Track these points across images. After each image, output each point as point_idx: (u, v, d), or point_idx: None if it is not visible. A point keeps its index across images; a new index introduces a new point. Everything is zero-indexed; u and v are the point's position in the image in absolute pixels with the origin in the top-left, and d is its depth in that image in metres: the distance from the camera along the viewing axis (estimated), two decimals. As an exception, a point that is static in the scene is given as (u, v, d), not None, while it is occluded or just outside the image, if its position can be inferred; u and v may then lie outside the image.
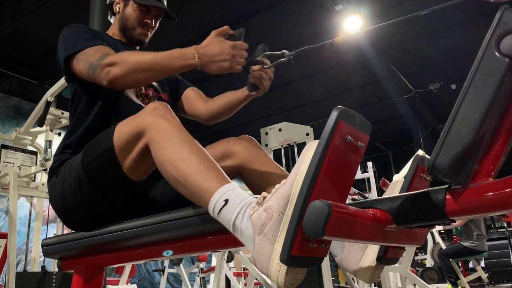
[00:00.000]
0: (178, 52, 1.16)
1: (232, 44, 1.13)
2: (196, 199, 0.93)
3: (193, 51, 1.14)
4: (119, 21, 1.49)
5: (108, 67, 1.18)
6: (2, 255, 3.42)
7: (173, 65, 1.16)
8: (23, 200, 5.99)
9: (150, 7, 1.46)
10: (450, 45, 8.10)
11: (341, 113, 0.75)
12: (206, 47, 1.14)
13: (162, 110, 1.03)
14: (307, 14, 7.10)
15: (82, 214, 1.19)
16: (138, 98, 1.38)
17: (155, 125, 1.00)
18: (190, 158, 0.94)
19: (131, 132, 1.05)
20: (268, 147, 3.70)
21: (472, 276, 6.62)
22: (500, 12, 0.67)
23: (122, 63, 1.17)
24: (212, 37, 1.15)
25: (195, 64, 1.14)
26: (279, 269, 0.76)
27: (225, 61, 1.13)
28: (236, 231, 0.85)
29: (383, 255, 1.01)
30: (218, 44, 1.13)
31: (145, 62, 1.17)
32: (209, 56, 1.13)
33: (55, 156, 1.31)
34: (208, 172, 0.92)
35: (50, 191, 1.26)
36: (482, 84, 0.67)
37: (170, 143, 0.97)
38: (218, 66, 1.13)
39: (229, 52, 1.12)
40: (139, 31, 1.47)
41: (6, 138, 3.82)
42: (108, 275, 5.27)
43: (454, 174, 0.69)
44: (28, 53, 7.39)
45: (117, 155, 1.08)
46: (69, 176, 1.18)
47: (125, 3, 1.47)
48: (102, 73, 1.19)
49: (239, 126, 10.51)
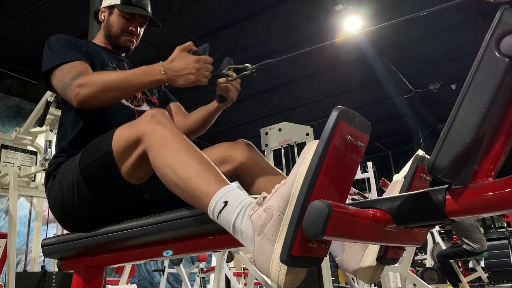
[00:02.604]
0: (145, 68, 1.22)
1: (197, 58, 1.19)
2: (196, 202, 0.93)
3: (159, 67, 1.20)
4: (104, 29, 1.52)
5: (78, 88, 1.22)
6: (2, 255, 3.42)
7: (141, 81, 1.21)
8: (23, 200, 6.00)
9: (134, 15, 1.48)
10: (450, 45, 8.10)
11: (341, 113, 0.75)
12: (171, 62, 1.20)
13: (160, 117, 1.04)
14: (307, 14, 7.10)
15: (80, 216, 1.19)
16: (127, 100, 1.40)
17: (153, 132, 1.01)
18: (189, 161, 0.95)
19: (129, 138, 1.06)
20: (268, 147, 3.70)
21: (472, 276, 6.62)
22: (500, 12, 0.67)
23: (91, 85, 1.21)
24: (176, 53, 1.21)
25: (162, 79, 1.19)
26: (279, 269, 0.76)
27: (191, 74, 1.18)
28: (236, 232, 0.85)
29: (383, 255, 1.01)
30: (183, 59, 1.19)
31: (113, 82, 1.22)
32: (175, 71, 1.18)
33: (51, 160, 1.32)
34: (207, 175, 0.92)
35: (48, 194, 1.27)
36: (482, 84, 0.67)
37: (168, 149, 0.98)
38: (184, 80, 1.19)
39: (194, 65, 1.18)
40: (124, 38, 1.50)
41: (6, 138, 3.82)
42: (108, 275, 5.28)
43: (454, 174, 0.69)
44: (28, 53, 7.39)
45: (115, 160, 1.09)
46: (66, 178, 1.19)
47: (110, 11, 1.50)
48: (72, 94, 1.23)
49: (239, 126, 10.51)
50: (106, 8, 1.51)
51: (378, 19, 6.91)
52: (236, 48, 7.57)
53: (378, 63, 8.52)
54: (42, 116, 3.45)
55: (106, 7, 1.51)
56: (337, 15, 7.05)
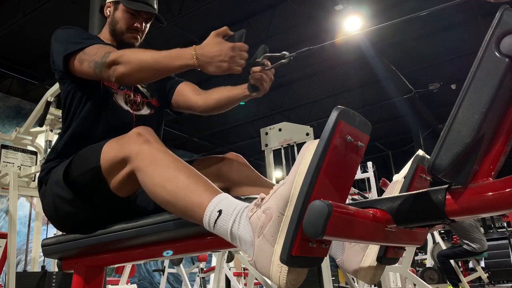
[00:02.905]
0: (177, 52, 1.16)
1: (232, 46, 1.13)
2: (190, 216, 0.92)
3: (191, 51, 1.13)
4: (109, 25, 1.48)
5: (113, 65, 1.20)
6: (2, 255, 3.42)
7: (172, 64, 1.16)
8: (23, 200, 6.00)
9: (139, 11, 1.45)
10: (450, 45, 8.10)
11: (341, 113, 0.75)
12: (205, 47, 1.13)
13: (147, 135, 1.03)
14: (307, 14, 7.09)
15: (73, 221, 1.19)
16: (127, 104, 1.38)
17: (140, 152, 1.01)
18: (178, 176, 0.94)
19: (116, 157, 1.06)
20: (268, 147, 3.70)
21: (472, 276, 6.62)
22: (500, 12, 0.67)
23: (127, 62, 1.19)
24: (211, 38, 1.15)
25: (193, 64, 1.14)
26: (280, 270, 0.76)
27: (224, 62, 1.12)
28: (234, 239, 0.85)
29: (383, 255, 1.01)
30: (217, 45, 1.13)
31: (147, 62, 1.18)
32: (208, 57, 1.12)
33: (42, 165, 1.31)
34: (197, 187, 0.92)
35: (42, 199, 1.27)
36: (482, 84, 0.67)
37: (156, 167, 0.97)
38: (216, 67, 1.12)
39: (228, 53, 1.12)
40: (129, 35, 1.46)
41: (6, 138, 3.82)
42: (108, 275, 5.27)
43: (454, 174, 0.69)
44: (28, 53, 7.39)
45: (104, 175, 1.09)
46: (56, 185, 1.18)
47: (115, 7, 1.46)
48: (110, 71, 1.20)
49: (239, 126, 10.50)
50: (111, 3, 1.47)
51: (378, 19, 6.91)
52: (236, 48, 7.55)
53: (378, 63, 8.52)
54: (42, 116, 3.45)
55: (111, 1, 1.48)
56: (337, 15, 7.05)
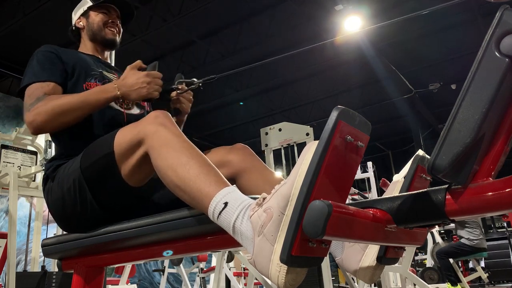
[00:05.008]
0: (101, 88, 1.32)
1: (146, 73, 1.30)
2: (196, 204, 0.94)
3: (113, 85, 1.30)
4: (87, 33, 1.60)
5: (34, 115, 1.27)
6: (2, 255, 3.42)
7: (97, 99, 1.29)
8: (23, 200, 6.00)
9: (109, 7, 1.60)
10: (450, 45, 8.10)
11: (341, 113, 0.75)
12: (123, 79, 1.30)
13: (163, 119, 1.06)
14: (307, 14, 7.09)
15: (81, 218, 1.19)
16: (116, 103, 1.43)
17: (156, 133, 1.02)
18: (190, 163, 0.96)
19: (132, 139, 1.07)
20: (268, 147, 3.70)
21: (472, 276, 6.63)
22: (500, 12, 0.67)
23: (45, 113, 1.26)
24: (127, 71, 1.32)
25: (117, 95, 1.29)
26: (279, 269, 0.76)
27: (142, 88, 1.28)
28: (236, 233, 0.85)
29: (383, 255, 1.01)
30: (133, 75, 1.30)
31: (70, 104, 1.27)
32: (128, 86, 1.28)
33: (47, 164, 1.34)
34: (207, 177, 0.93)
35: (47, 196, 1.28)
36: (482, 84, 0.67)
37: (170, 150, 0.99)
38: (137, 93, 1.28)
39: (145, 79, 1.28)
40: (107, 31, 1.58)
41: (6, 138, 3.82)
42: (108, 275, 5.27)
43: (454, 174, 0.69)
44: (28, 53, 7.26)
45: (116, 161, 1.10)
46: (67, 179, 1.19)
47: (86, 16, 1.60)
48: (29, 121, 1.28)
49: (239, 126, 10.49)
50: (81, 17, 1.62)
51: (378, 19, 6.90)
52: (236, 48, 7.56)
53: (378, 63, 8.51)
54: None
55: (80, 16, 1.62)
56: (337, 15, 7.05)
